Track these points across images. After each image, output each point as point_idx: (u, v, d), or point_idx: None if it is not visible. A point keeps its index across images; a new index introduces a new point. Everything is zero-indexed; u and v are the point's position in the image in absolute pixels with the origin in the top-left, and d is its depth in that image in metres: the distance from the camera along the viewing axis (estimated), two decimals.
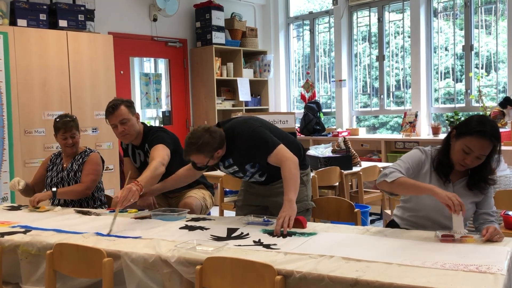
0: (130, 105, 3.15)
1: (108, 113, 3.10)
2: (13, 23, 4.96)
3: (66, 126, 3.34)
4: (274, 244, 2.14)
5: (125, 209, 3.03)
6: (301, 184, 2.75)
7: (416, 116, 6.04)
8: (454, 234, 2.06)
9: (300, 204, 2.76)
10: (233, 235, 2.34)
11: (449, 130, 5.86)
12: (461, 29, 5.98)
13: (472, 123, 2.23)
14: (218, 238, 2.28)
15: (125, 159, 3.41)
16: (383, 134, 6.92)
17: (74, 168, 3.39)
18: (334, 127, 6.92)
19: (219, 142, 2.61)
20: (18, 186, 3.31)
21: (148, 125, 3.33)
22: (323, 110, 7.17)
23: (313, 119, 6.85)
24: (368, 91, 6.88)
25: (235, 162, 2.75)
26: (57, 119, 3.41)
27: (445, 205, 2.07)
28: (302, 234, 2.30)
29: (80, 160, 3.41)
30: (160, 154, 2.98)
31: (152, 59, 6.84)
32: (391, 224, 2.53)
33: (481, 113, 5.60)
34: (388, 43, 6.63)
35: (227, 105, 6.99)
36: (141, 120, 3.28)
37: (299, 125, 6.93)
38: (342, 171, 4.47)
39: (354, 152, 4.96)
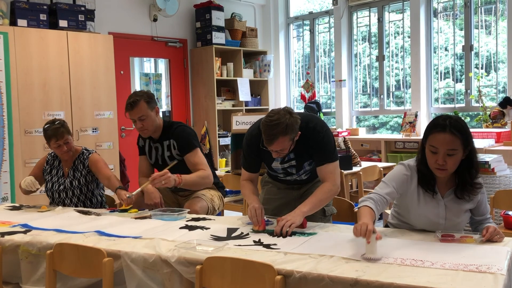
0: (149, 100, 3.13)
1: (127, 109, 3.12)
2: (13, 23, 4.97)
3: (57, 133, 3.17)
4: (274, 244, 2.14)
5: (126, 209, 3.05)
6: None
7: (416, 116, 6.04)
8: (374, 258, 1.85)
9: (328, 208, 2.77)
10: (233, 235, 2.34)
11: None
12: (461, 29, 5.98)
13: (432, 122, 2.16)
14: (218, 238, 2.28)
15: (141, 157, 3.40)
16: (383, 134, 6.92)
17: (77, 175, 3.28)
18: (334, 127, 6.92)
19: (299, 125, 2.46)
20: (35, 187, 3.23)
21: (167, 120, 3.33)
22: (323, 110, 7.17)
23: None
24: (368, 91, 6.88)
25: (296, 157, 2.62)
26: (46, 127, 3.23)
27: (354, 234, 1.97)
28: (302, 234, 2.30)
29: (81, 165, 3.30)
30: (205, 164, 3.16)
31: (152, 59, 6.84)
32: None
33: (480, 113, 5.60)
34: (388, 43, 6.64)
35: (227, 105, 6.99)
36: None
37: None
38: (342, 171, 4.46)
39: (354, 152, 4.96)
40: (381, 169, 4.86)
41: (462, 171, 2.16)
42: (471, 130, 5.62)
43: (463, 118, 2.23)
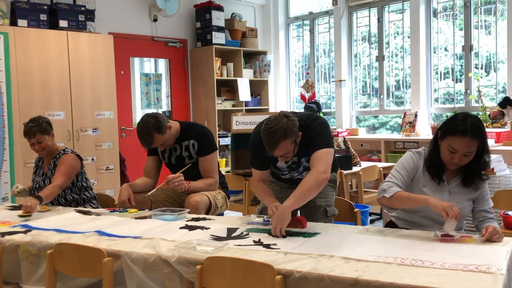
0: (159, 129, 3.10)
1: (145, 146, 3.18)
2: (13, 23, 4.97)
3: (29, 132, 3.25)
4: (274, 244, 2.14)
5: (125, 209, 3.05)
6: (331, 188, 2.78)
7: (415, 116, 6.04)
8: (453, 234, 2.08)
9: (330, 208, 2.79)
10: (233, 235, 2.34)
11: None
12: (460, 30, 5.98)
13: (452, 123, 2.25)
14: (218, 238, 2.28)
15: (148, 157, 3.43)
16: (383, 134, 6.92)
17: (49, 174, 3.35)
18: (334, 127, 6.92)
19: (298, 126, 2.49)
20: (16, 189, 3.32)
21: (184, 122, 3.41)
22: (323, 110, 7.17)
23: None
24: (368, 91, 6.88)
25: (297, 154, 2.65)
26: (24, 123, 3.34)
27: (441, 213, 2.10)
28: (302, 234, 2.31)
29: (52, 164, 3.35)
30: (216, 171, 3.30)
31: (152, 59, 6.84)
32: (389, 225, 2.53)
33: (480, 113, 5.60)
34: (387, 43, 6.64)
35: (227, 105, 6.99)
36: (138, 120, 3.28)
37: None
38: (342, 171, 4.46)
39: (354, 152, 4.96)
40: (381, 169, 4.86)
41: (472, 162, 2.26)
42: None
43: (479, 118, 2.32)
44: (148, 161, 3.42)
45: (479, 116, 5.54)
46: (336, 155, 4.76)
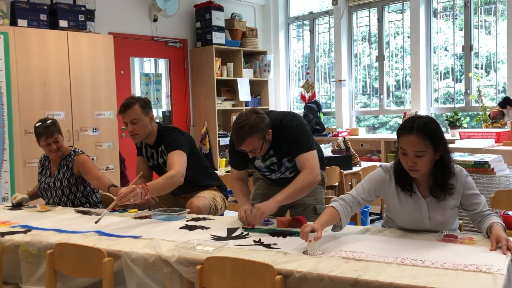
0: (145, 105, 3.08)
1: (121, 111, 3.07)
2: (13, 23, 4.97)
3: (47, 131, 3.22)
4: (274, 244, 2.14)
5: (125, 209, 3.05)
6: (320, 186, 2.79)
7: None
8: (318, 253, 1.97)
9: (319, 206, 2.81)
10: (233, 235, 2.34)
11: (448, 130, 5.82)
12: (460, 29, 5.98)
13: (402, 124, 2.19)
14: (218, 238, 2.28)
15: (138, 158, 3.40)
16: (383, 134, 6.92)
17: (60, 177, 3.30)
18: (334, 127, 6.93)
19: (268, 123, 2.53)
20: (14, 200, 3.32)
21: (164, 125, 3.30)
22: (323, 110, 7.18)
23: (313, 119, 6.87)
24: (368, 91, 6.88)
25: (275, 154, 2.69)
26: (37, 125, 3.28)
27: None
28: None
29: (65, 167, 3.30)
30: (179, 163, 2.94)
31: (152, 59, 6.84)
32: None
33: (480, 113, 5.60)
34: (387, 43, 6.64)
35: (227, 105, 6.99)
36: None
37: None
38: (342, 171, 4.47)
39: (354, 152, 4.97)
40: None
41: (435, 172, 2.17)
42: (471, 130, 5.59)
43: (434, 119, 2.22)
44: (139, 161, 3.39)
45: (479, 116, 5.57)
46: (336, 155, 4.80)
